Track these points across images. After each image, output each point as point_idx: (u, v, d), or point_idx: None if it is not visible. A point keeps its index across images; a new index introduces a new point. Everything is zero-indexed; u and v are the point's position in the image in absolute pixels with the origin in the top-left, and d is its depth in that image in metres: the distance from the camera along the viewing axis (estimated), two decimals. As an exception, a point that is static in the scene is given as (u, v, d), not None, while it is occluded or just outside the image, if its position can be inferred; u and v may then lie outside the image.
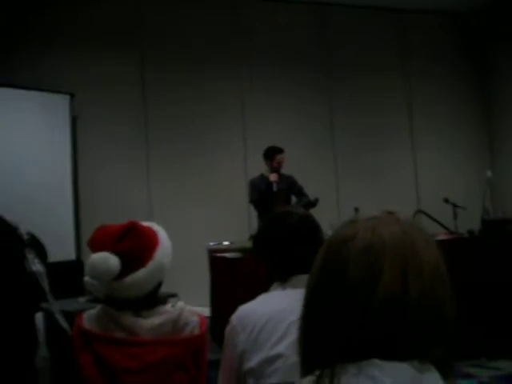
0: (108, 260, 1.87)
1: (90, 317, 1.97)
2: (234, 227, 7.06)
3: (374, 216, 0.95)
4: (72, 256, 6.52)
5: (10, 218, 1.51)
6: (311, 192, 6.38)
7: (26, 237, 2.08)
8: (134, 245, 1.93)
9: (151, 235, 2.01)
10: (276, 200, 5.89)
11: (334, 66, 8.49)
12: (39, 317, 1.93)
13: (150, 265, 1.95)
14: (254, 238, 2.14)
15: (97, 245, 1.93)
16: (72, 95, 6.80)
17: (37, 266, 2.10)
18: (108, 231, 1.97)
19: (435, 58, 9.01)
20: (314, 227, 2.09)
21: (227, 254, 5.09)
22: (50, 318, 1.96)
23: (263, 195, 5.97)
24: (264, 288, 2.07)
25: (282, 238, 2.03)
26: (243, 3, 8.07)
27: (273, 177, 6.02)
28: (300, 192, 6.29)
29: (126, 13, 7.59)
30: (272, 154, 6.15)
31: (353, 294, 0.84)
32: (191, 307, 2.05)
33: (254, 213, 6.64)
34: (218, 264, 5.24)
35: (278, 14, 8.20)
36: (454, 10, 9.10)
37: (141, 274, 1.92)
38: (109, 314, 1.94)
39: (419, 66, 8.94)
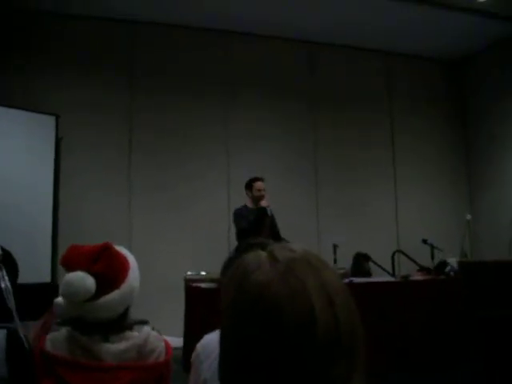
0: (85, 280, 1.84)
1: (53, 340, 1.93)
2: (214, 257, 7.00)
3: (274, 251, 0.94)
4: (47, 279, 6.45)
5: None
6: (289, 226, 6.38)
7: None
8: (108, 266, 1.91)
9: (123, 257, 1.99)
10: (263, 232, 5.84)
11: (319, 100, 8.57)
12: (1, 334, 1.88)
13: (123, 287, 1.93)
14: (223, 267, 2.13)
15: (71, 264, 1.91)
16: (57, 116, 6.80)
17: (5, 283, 2.07)
18: (82, 251, 1.94)
19: (419, 98, 9.16)
20: None
21: (202, 284, 5.07)
22: (12, 336, 1.93)
23: (256, 222, 5.92)
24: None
25: None
26: (232, 36, 8.15)
27: (264, 202, 6.00)
28: (275, 232, 6.15)
29: (115, 37, 7.64)
30: (250, 183, 6.17)
31: (290, 337, 0.84)
32: (156, 333, 2.02)
33: (233, 243, 6.62)
34: (194, 294, 5.20)
35: (266, 48, 8.30)
36: (439, 57, 9.31)
37: (114, 296, 1.90)
38: (74, 337, 1.91)
39: (404, 104, 9.07)
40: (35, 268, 6.03)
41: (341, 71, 8.74)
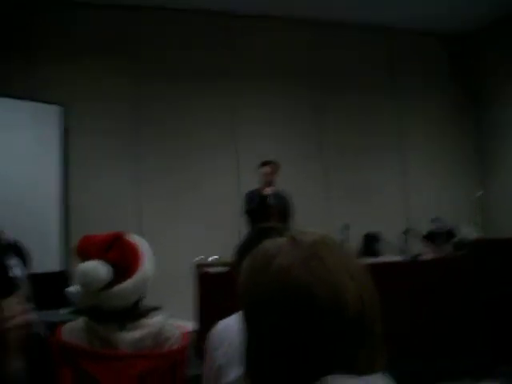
0: (99, 268, 1.85)
1: (69, 329, 1.95)
2: (224, 242, 7.01)
3: (297, 237, 0.96)
4: (58, 268, 6.47)
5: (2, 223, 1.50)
6: (300, 208, 6.37)
7: (9, 241, 2.06)
8: (122, 255, 1.92)
9: (137, 246, 2.00)
10: (271, 215, 5.85)
11: (325, 83, 8.52)
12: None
13: (137, 275, 1.94)
14: (236, 251, 2.13)
15: (85, 253, 1.91)
16: (64, 106, 6.79)
17: (18, 271, 2.08)
18: (95, 240, 1.95)
19: (425, 77, 9.09)
20: None
21: (213, 269, 5.08)
22: (27, 329, 1.93)
23: (257, 208, 5.92)
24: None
25: None
26: (237, 19, 8.10)
27: (266, 190, 5.98)
28: (286, 219, 6.12)
29: (121, 25, 7.60)
30: (259, 168, 6.17)
31: (321, 316, 0.85)
32: (174, 320, 2.03)
33: (244, 229, 6.62)
34: (204, 279, 5.21)
35: (271, 30, 8.25)
36: (444, 32, 9.20)
37: (128, 284, 1.91)
38: (90, 326, 1.92)
39: (410, 85, 9.00)
40: (45, 257, 6.05)
41: (344, 53, 8.67)
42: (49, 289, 3.57)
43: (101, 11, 7.47)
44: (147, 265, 2.00)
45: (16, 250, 2.15)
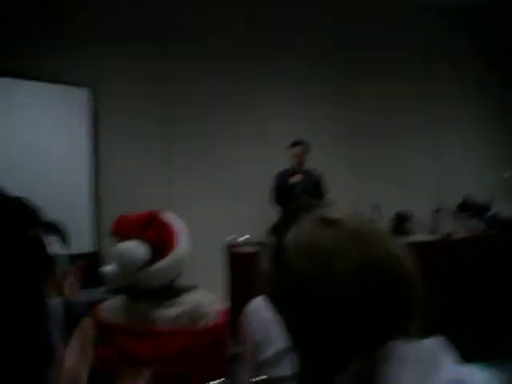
0: (137, 248, 1.86)
1: (108, 307, 1.97)
2: (254, 222, 7.04)
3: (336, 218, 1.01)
4: (89, 248, 6.54)
5: (31, 200, 1.50)
6: (330, 187, 6.35)
7: (47, 220, 2.08)
8: (159, 233, 1.93)
9: (172, 224, 2.01)
10: (299, 197, 5.84)
11: (354, 63, 8.42)
12: (58, 304, 1.92)
13: (174, 254, 1.95)
14: (273, 227, 2.11)
15: (122, 233, 1.92)
16: (93, 89, 6.82)
17: (56, 250, 2.10)
18: (131, 220, 1.96)
19: (456, 59, 8.93)
20: None
21: (244, 249, 5.09)
22: (68, 306, 1.96)
23: (284, 193, 5.92)
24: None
25: None
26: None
27: (295, 178, 5.95)
28: (319, 198, 6.12)
29: (147, 6, 7.59)
30: (290, 147, 6.14)
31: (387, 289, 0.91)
32: (212, 296, 2.04)
33: (272, 207, 6.63)
34: (236, 259, 5.23)
35: (300, 7, 8.17)
36: (474, 7, 9.00)
37: (165, 263, 1.92)
38: (128, 304, 1.94)
39: (440, 66, 8.86)
40: (78, 238, 6.09)
41: (378, 33, 8.56)
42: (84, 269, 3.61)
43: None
44: (183, 243, 2.01)
45: (55, 228, 2.16)
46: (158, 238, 1.92)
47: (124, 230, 1.93)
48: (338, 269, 0.91)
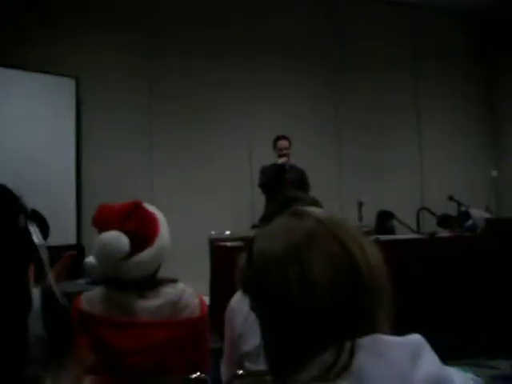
0: (119, 239, 1.84)
1: (88, 298, 1.94)
2: (237, 216, 7.04)
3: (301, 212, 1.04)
4: (73, 240, 6.50)
5: (12, 186, 1.47)
6: (313, 185, 6.35)
7: (28, 209, 2.03)
8: (141, 223, 1.91)
9: (153, 214, 1.99)
10: (286, 188, 5.86)
11: (342, 60, 8.44)
12: (36, 292, 1.89)
13: (156, 244, 1.93)
14: (260, 221, 2.12)
15: (103, 223, 1.89)
16: (77, 78, 6.77)
17: (38, 237, 2.06)
18: (113, 209, 1.93)
19: (444, 56, 8.97)
20: None
21: (228, 243, 5.07)
22: (47, 294, 1.93)
23: (274, 177, 5.93)
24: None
25: None
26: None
27: (282, 159, 6.00)
28: (303, 192, 6.14)
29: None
30: (274, 142, 6.18)
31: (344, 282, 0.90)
32: (191, 289, 2.02)
33: (257, 202, 6.62)
34: (219, 253, 5.20)
35: (287, 4, 8.16)
36: (465, 10, 9.06)
37: (147, 253, 1.90)
38: (110, 295, 1.91)
39: (428, 64, 8.90)
40: (60, 230, 6.06)
41: (360, 28, 8.57)
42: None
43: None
44: (164, 234, 1.99)
45: (35, 217, 2.12)
46: (140, 227, 1.90)
47: (106, 219, 1.90)
48: (302, 255, 0.91)
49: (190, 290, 2.02)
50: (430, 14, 8.90)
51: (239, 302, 2.04)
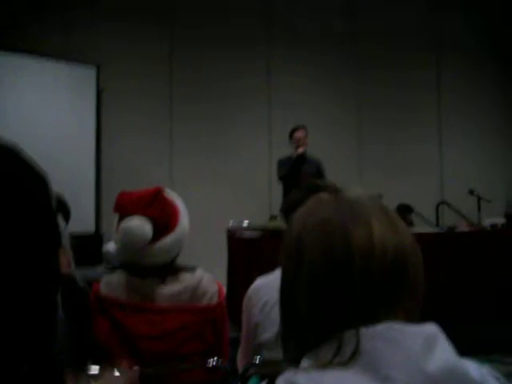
0: (143, 225, 1.84)
1: (107, 282, 1.95)
2: (255, 207, 7.04)
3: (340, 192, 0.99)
4: (91, 228, 6.54)
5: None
6: (333, 177, 6.32)
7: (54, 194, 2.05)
8: (162, 210, 1.92)
9: (174, 201, 1.99)
10: (303, 180, 5.85)
11: (364, 52, 8.37)
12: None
13: (177, 230, 1.94)
14: (285, 210, 2.11)
15: (126, 209, 1.90)
16: (99, 67, 6.79)
17: (62, 229, 2.08)
18: (136, 196, 1.94)
19: (467, 54, 8.85)
20: None
21: (245, 234, 5.07)
22: (67, 278, 1.95)
23: (294, 168, 5.92)
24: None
25: None
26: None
27: (300, 149, 5.98)
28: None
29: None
30: (291, 133, 6.15)
31: (354, 256, 0.86)
32: (210, 275, 2.03)
33: (275, 193, 6.61)
34: (236, 243, 5.21)
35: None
36: (490, 5, 8.93)
37: (169, 239, 1.91)
38: (128, 279, 1.92)
39: (451, 61, 8.78)
40: (79, 218, 6.09)
41: (384, 20, 8.49)
42: (82, 249, 3.60)
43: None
44: (184, 221, 2.00)
45: (59, 204, 2.15)
46: (162, 214, 1.90)
47: (129, 206, 1.91)
48: (327, 237, 0.89)
49: (208, 276, 2.02)
50: (456, 11, 8.78)
51: (257, 291, 2.03)
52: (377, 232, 0.87)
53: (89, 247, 5.24)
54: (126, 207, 1.91)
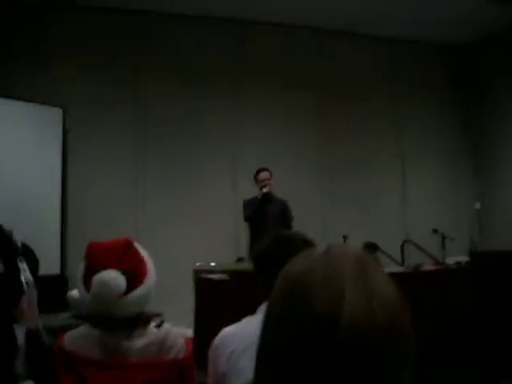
0: (118, 278, 1.85)
1: (73, 337, 1.92)
2: (222, 248, 7.02)
3: (330, 247, 0.89)
4: (56, 270, 6.44)
5: (2, 223, 1.47)
6: (299, 216, 6.37)
7: (19, 243, 2.03)
8: (133, 262, 1.93)
9: (141, 252, 2.00)
10: (269, 221, 5.90)
11: (326, 91, 8.50)
12: (21, 331, 1.87)
13: (147, 282, 1.95)
14: (256, 258, 2.12)
15: (101, 262, 1.89)
16: (65, 109, 6.77)
17: (27, 276, 2.05)
18: (107, 248, 1.94)
19: (425, 87, 9.08)
20: None
21: (213, 276, 5.04)
22: (32, 334, 1.91)
23: (259, 208, 5.96)
24: (249, 311, 2.05)
25: (285, 257, 1.98)
26: (241, 26, 8.09)
27: (266, 189, 6.03)
28: (287, 223, 6.20)
29: (122, 28, 7.59)
30: (256, 174, 6.22)
31: (316, 324, 0.77)
32: (177, 329, 2.02)
33: (241, 234, 6.62)
34: (203, 285, 5.18)
35: (275, 36, 8.25)
36: (445, 43, 9.22)
37: (140, 291, 1.92)
38: (94, 334, 1.90)
39: (410, 95, 9.00)
40: (44, 260, 5.97)
41: (347, 60, 8.67)
42: (48, 292, 3.54)
43: (102, 14, 7.46)
44: (152, 271, 2.00)
45: (25, 252, 2.12)
46: (133, 267, 1.91)
47: (101, 258, 1.90)
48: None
49: (175, 330, 2.01)
50: (408, 47, 9.04)
51: (223, 341, 2.03)
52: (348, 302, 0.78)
53: (54, 290, 5.17)
54: (98, 259, 1.90)
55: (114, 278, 1.84)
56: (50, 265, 6.26)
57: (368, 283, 0.81)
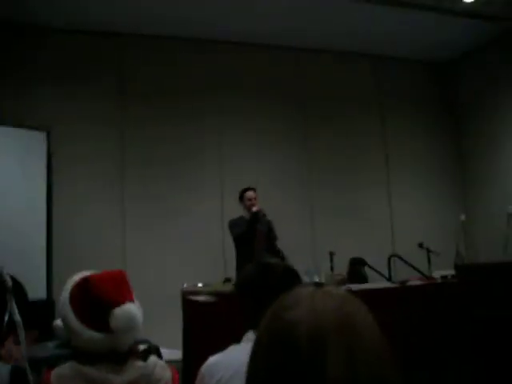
0: (139, 311, 1.92)
1: (60, 376, 1.89)
2: (209, 269, 7.01)
3: (315, 294, 0.90)
4: (43, 295, 6.39)
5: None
6: (286, 233, 6.39)
7: (9, 282, 2.02)
8: (132, 294, 1.95)
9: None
10: (257, 240, 5.93)
11: (310, 106, 8.56)
12: (5, 370, 1.86)
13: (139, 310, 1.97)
14: (237, 284, 2.14)
15: (115, 296, 1.90)
16: (48, 132, 6.75)
17: (16, 317, 2.04)
18: (114, 280, 1.94)
19: (411, 102, 9.17)
20: (297, 280, 2.12)
21: (200, 298, 5.03)
22: (17, 373, 1.90)
23: (249, 228, 5.99)
24: (236, 332, 2.06)
25: (267, 287, 2.01)
26: (222, 46, 8.14)
27: (255, 208, 6.06)
28: (271, 242, 6.24)
29: (104, 50, 7.62)
30: (241, 194, 6.25)
31: (301, 379, 0.79)
32: (163, 362, 2.02)
33: (229, 254, 6.61)
34: (191, 307, 5.16)
35: (258, 55, 8.30)
36: (429, 60, 9.34)
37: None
38: (81, 370, 1.87)
39: (395, 109, 9.07)
40: (30, 284, 5.95)
41: (330, 77, 8.74)
42: (33, 317, 3.52)
43: (82, 36, 7.48)
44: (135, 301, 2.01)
45: (14, 288, 2.11)
46: (132, 298, 1.94)
47: (115, 293, 1.90)
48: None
49: (161, 363, 2.01)
50: (393, 63, 9.12)
51: (210, 369, 2.03)
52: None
53: (40, 317, 5.13)
54: (111, 294, 1.88)
55: (138, 311, 1.89)
56: (36, 290, 6.22)
57: (352, 337, 0.83)
